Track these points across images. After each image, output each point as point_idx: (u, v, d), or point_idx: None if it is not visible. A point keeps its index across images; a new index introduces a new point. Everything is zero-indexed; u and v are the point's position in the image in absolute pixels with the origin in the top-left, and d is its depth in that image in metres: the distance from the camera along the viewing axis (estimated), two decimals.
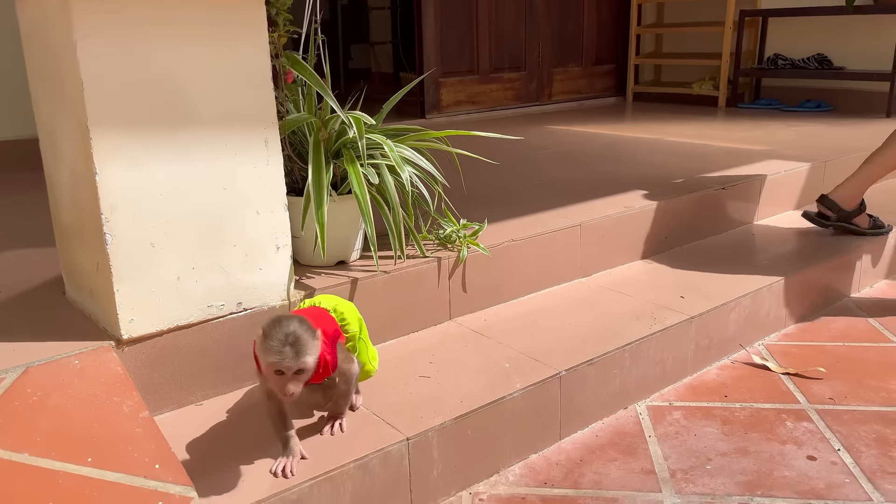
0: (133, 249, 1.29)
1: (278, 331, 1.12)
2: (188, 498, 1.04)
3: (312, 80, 1.49)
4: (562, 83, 5.18)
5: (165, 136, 1.29)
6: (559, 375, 1.54)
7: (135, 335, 1.32)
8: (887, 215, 2.68)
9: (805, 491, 1.39)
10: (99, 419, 1.14)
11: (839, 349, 1.99)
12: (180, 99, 1.29)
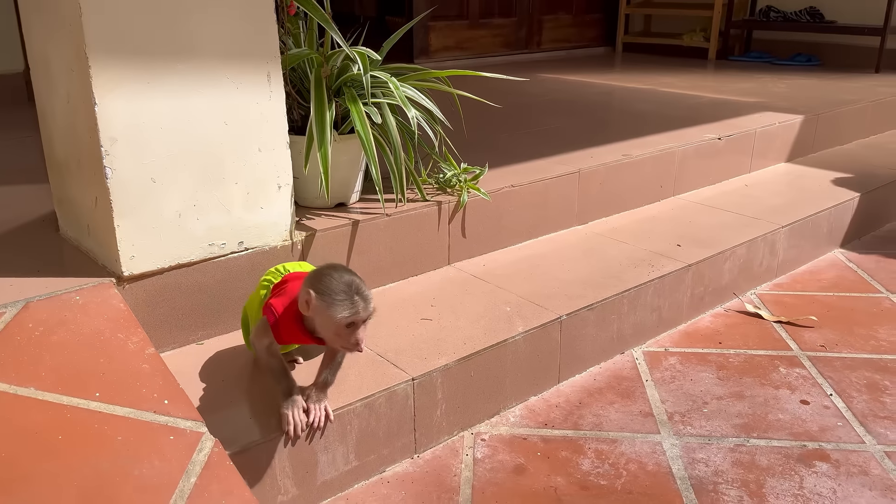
0: (134, 184, 1.25)
1: (337, 285, 1.08)
2: (199, 433, 1.04)
3: (316, 13, 1.44)
4: (551, 31, 5.10)
5: (167, 67, 1.24)
6: (560, 320, 1.55)
7: (136, 272, 1.29)
8: (878, 168, 2.70)
9: (799, 433, 1.43)
10: (104, 355, 1.13)
11: (829, 299, 2.02)
12: (182, 28, 1.24)
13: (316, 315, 1.10)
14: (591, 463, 1.34)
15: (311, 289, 1.09)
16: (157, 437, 1.02)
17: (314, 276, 1.11)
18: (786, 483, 1.28)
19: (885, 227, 2.60)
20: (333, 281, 1.08)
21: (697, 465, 1.33)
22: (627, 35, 5.41)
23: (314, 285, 1.09)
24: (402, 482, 1.29)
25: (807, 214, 2.22)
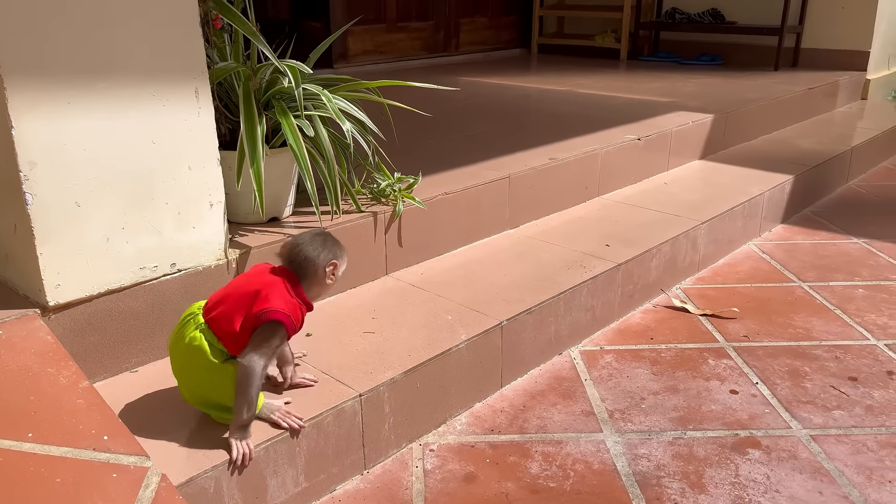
0: (56, 209, 1.19)
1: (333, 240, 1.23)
2: (143, 468, 1.00)
3: (243, 26, 1.40)
4: (469, 34, 5.15)
5: (88, 86, 1.19)
6: (501, 325, 1.57)
7: (62, 301, 1.23)
8: (783, 163, 2.86)
9: (731, 422, 1.50)
10: (35, 392, 1.07)
11: (748, 290, 2.13)
12: (103, 44, 1.19)
13: (329, 278, 1.20)
14: (540, 466, 1.36)
15: (334, 259, 1.19)
16: (98, 475, 0.97)
17: (327, 247, 1.19)
18: (723, 472, 1.34)
19: (793, 218, 2.76)
20: (337, 243, 1.22)
21: (640, 461, 1.38)
22: (542, 37, 5.52)
23: (336, 254, 1.20)
24: (353, 500, 1.28)
25: (723, 210, 2.32)
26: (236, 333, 1.11)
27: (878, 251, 2.41)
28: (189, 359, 1.13)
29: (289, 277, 1.17)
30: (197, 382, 1.14)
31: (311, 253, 1.17)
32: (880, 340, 1.82)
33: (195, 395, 1.15)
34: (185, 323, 1.14)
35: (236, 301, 1.12)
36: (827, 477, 1.33)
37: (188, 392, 1.16)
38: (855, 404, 1.55)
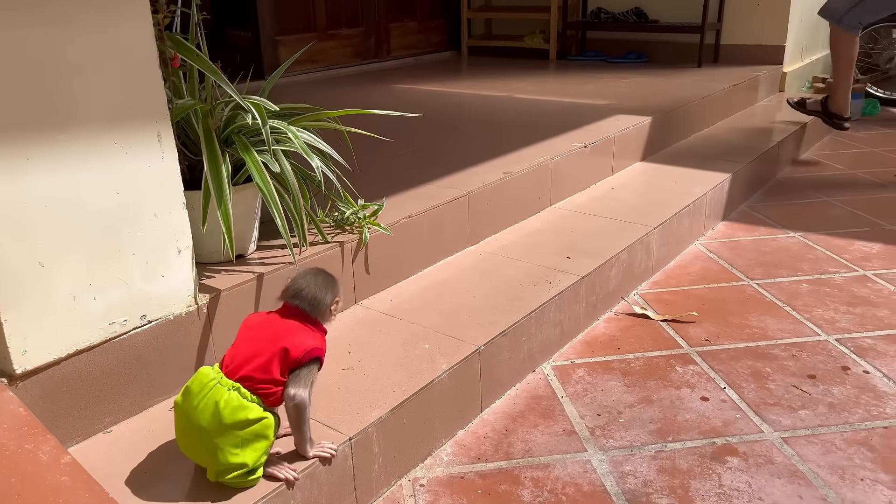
0: (20, 272, 1.12)
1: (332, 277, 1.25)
2: None
3: (204, 65, 1.35)
4: (399, 38, 5.12)
5: (47, 139, 1.12)
6: (479, 350, 1.57)
7: (30, 367, 1.16)
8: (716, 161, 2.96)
9: (707, 431, 1.55)
10: (15, 473, 1.00)
11: (701, 291, 2.20)
12: (61, 93, 1.12)
13: (336, 311, 1.24)
14: (531, 493, 1.37)
15: (338, 297, 1.23)
16: None
17: (330, 285, 1.22)
18: (707, 483, 1.39)
19: (732, 214, 2.86)
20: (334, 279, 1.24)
21: (627, 479, 1.41)
22: (471, 38, 5.54)
23: (337, 290, 1.23)
24: None
25: (672, 213, 2.39)
26: (276, 381, 1.12)
27: (814, 244, 2.53)
28: (220, 422, 1.09)
29: (302, 318, 1.18)
30: (229, 445, 1.10)
31: (318, 294, 1.19)
32: (830, 335, 1.92)
33: (220, 463, 1.11)
34: (209, 390, 1.10)
35: (268, 352, 1.12)
36: (803, 479, 1.39)
37: (212, 460, 1.11)
38: (818, 403, 1.63)
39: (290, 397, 1.14)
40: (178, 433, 1.16)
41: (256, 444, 1.12)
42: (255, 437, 1.11)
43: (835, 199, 3.02)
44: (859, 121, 4.46)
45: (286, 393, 1.14)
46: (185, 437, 1.14)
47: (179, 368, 1.39)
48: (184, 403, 1.12)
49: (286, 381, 1.13)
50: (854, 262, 2.37)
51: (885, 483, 1.37)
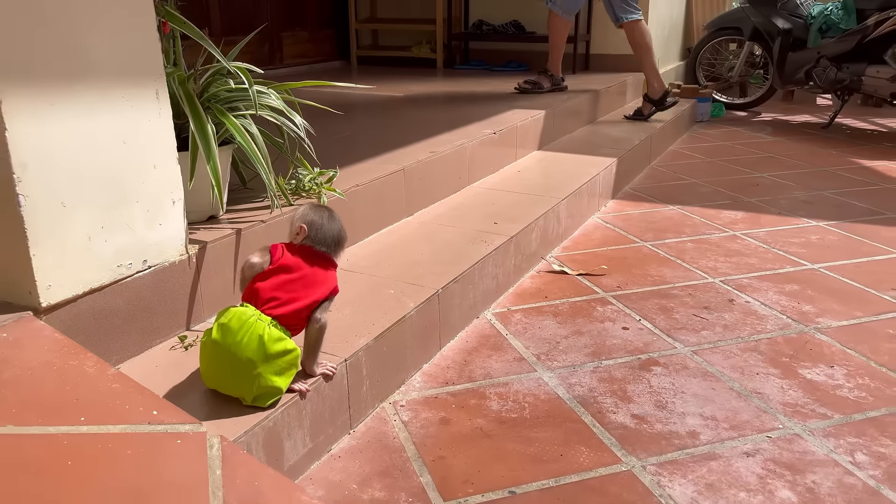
0: (46, 210, 1.20)
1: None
2: (201, 433, 1.08)
3: (191, 31, 1.48)
4: (291, 47, 5.24)
5: (68, 88, 1.22)
6: (437, 293, 1.77)
7: (53, 302, 1.24)
8: (603, 148, 3.33)
9: (632, 350, 1.83)
10: (68, 382, 1.09)
11: (606, 252, 2.52)
12: (79, 48, 1.23)
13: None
14: (498, 403, 1.59)
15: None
16: (164, 443, 1.04)
17: (340, 223, 1.44)
18: (640, 386, 1.66)
19: (619, 194, 3.24)
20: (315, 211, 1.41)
21: (575, 388, 1.65)
22: (359, 49, 5.74)
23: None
24: (351, 455, 1.42)
25: (573, 189, 2.70)
26: (304, 320, 1.32)
27: (690, 214, 2.94)
28: (265, 353, 1.24)
29: (326, 261, 1.38)
30: (270, 372, 1.25)
31: (341, 235, 1.42)
32: (716, 279, 2.28)
33: (261, 388, 1.25)
34: (251, 326, 1.23)
35: (302, 301, 1.30)
36: (713, 377, 1.70)
37: (251, 387, 1.24)
38: (714, 325, 1.96)
39: (317, 320, 1.32)
40: (209, 366, 1.27)
41: (290, 372, 1.28)
42: (289, 365, 1.26)
43: (700, 180, 3.48)
44: (709, 121, 5.07)
45: (313, 317, 1.32)
46: (218, 370, 1.26)
47: (173, 312, 1.49)
48: (223, 338, 1.23)
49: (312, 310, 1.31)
50: (724, 226, 2.79)
51: (776, 375, 1.71)
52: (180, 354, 1.44)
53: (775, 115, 5.33)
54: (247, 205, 1.82)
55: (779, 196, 3.20)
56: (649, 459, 1.40)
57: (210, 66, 1.60)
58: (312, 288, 1.31)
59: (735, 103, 5.48)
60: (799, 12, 4.79)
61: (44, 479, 0.92)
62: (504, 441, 1.46)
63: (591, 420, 1.53)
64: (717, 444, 1.45)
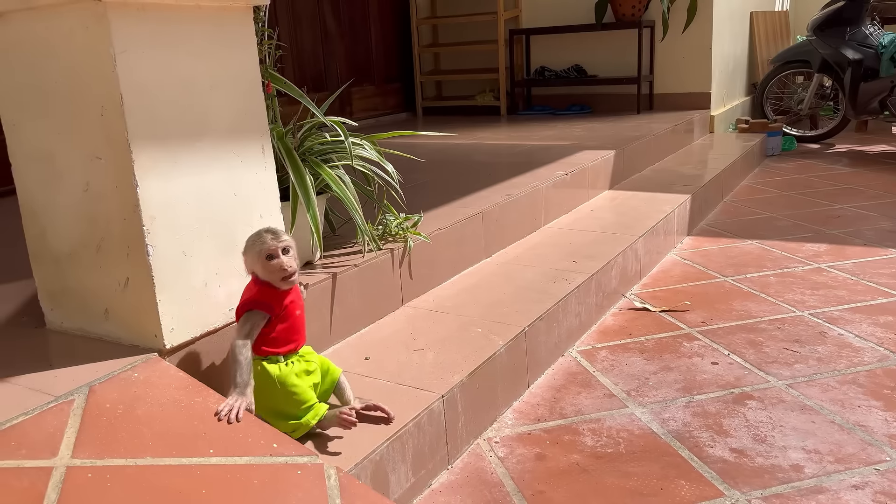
0: (170, 259, 1.31)
1: (250, 237, 1.31)
2: (319, 464, 1.13)
3: (291, 90, 1.59)
4: (360, 101, 5.45)
5: (189, 146, 1.33)
6: (524, 331, 1.81)
7: (175, 344, 1.33)
8: (674, 186, 3.33)
9: (724, 384, 1.81)
10: (195, 418, 1.17)
11: (686, 288, 2.50)
12: (198, 111, 1.34)
13: (255, 268, 1.30)
14: (592, 439, 1.60)
15: (242, 255, 1.31)
16: (286, 475, 1.10)
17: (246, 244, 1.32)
18: (735, 420, 1.64)
19: (694, 231, 3.22)
20: (249, 237, 1.31)
21: (669, 423, 1.65)
22: (424, 100, 5.92)
23: (243, 252, 1.31)
24: (451, 489, 1.45)
25: (649, 227, 2.71)
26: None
27: (770, 248, 2.90)
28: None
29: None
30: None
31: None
32: (804, 311, 2.24)
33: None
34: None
35: None
36: (812, 411, 1.66)
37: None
38: (808, 358, 1.93)
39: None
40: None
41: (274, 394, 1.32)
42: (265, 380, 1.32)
43: (777, 214, 3.43)
44: (780, 155, 5.00)
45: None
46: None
47: None
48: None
49: None
50: (808, 259, 2.74)
51: (878, 407, 1.66)
52: None
53: (850, 146, 5.22)
54: (338, 251, 1.91)
55: (862, 227, 3.13)
56: (753, 493, 1.38)
57: (304, 122, 1.71)
58: None
59: (807, 136, 5.39)
60: (869, 42, 4.73)
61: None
62: (602, 476, 1.46)
63: (688, 454, 1.52)
64: (824, 477, 1.42)
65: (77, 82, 1.24)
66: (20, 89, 1.33)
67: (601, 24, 5.11)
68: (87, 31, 1.19)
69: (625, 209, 2.99)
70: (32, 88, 1.31)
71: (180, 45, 1.30)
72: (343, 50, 5.24)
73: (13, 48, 1.30)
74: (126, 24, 1.19)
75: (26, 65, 1.30)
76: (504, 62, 5.45)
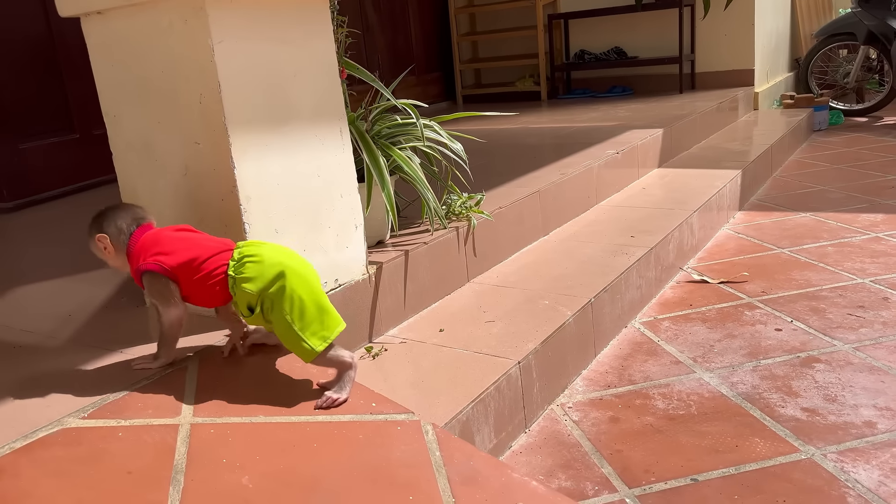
0: (264, 236, 1.39)
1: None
2: (416, 421, 1.21)
3: (366, 76, 1.67)
4: (401, 92, 5.48)
5: (277, 130, 1.41)
6: (591, 302, 1.86)
7: None
8: (721, 163, 3.33)
9: (790, 349, 1.84)
10: (297, 381, 1.25)
11: (743, 261, 2.53)
12: (285, 95, 1.42)
13: (116, 253, 1.23)
14: (663, 402, 1.65)
15: (96, 233, 1.22)
16: (388, 430, 1.17)
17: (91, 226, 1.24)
18: (804, 381, 1.68)
19: (745, 206, 3.23)
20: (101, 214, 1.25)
21: (738, 386, 1.69)
22: (464, 88, 5.97)
23: (101, 226, 1.23)
24: (530, 450, 1.52)
25: (702, 202, 2.73)
26: None
27: (825, 220, 2.90)
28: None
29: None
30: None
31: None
32: (866, 279, 2.25)
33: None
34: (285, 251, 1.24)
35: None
36: (881, 371, 1.69)
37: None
38: (872, 323, 1.95)
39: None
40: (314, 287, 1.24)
41: None
42: None
43: (829, 186, 3.41)
44: (828, 129, 4.94)
45: None
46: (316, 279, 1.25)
47: (358, 326, 1.65)
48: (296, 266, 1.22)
49: None
50: (864, 229, 2.74)
51: None
52: (370, 362, 1.59)
53: None
54: (405, 230, 1.98)
55: None
56: (828, 448, 1.42)
57: (374, 106, 1.78)
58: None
59: (854, 109, 5.32)
60: None
61: (301, 457, 1.07)
62: (676, 435, 1.52)
63: (760, 414, 1.56)
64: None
65: (176, 73, 1.33)
66: (121, 83, 1.42)
67: (641, 5, 5.10)
68: (186, 24, 1.28)
69: (676, 186, 3.02)
70: (132, 81, 1.40)
71: (267, 33, 1.37)
72: (384, 42, 5.32)
73: (115, 44, 1.40)
74: (221, 15, 1.28)
75: (127, 59, 1.39)
76: (543, 47, 5.46)
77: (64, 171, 3.13)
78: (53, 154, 3.10)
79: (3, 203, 2.94)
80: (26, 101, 3.00)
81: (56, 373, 1.29)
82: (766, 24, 5.28)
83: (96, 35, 1.42)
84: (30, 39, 3.00)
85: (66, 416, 1.09)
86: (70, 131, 3.17)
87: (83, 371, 1.29)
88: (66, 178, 3.14)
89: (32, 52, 3.01)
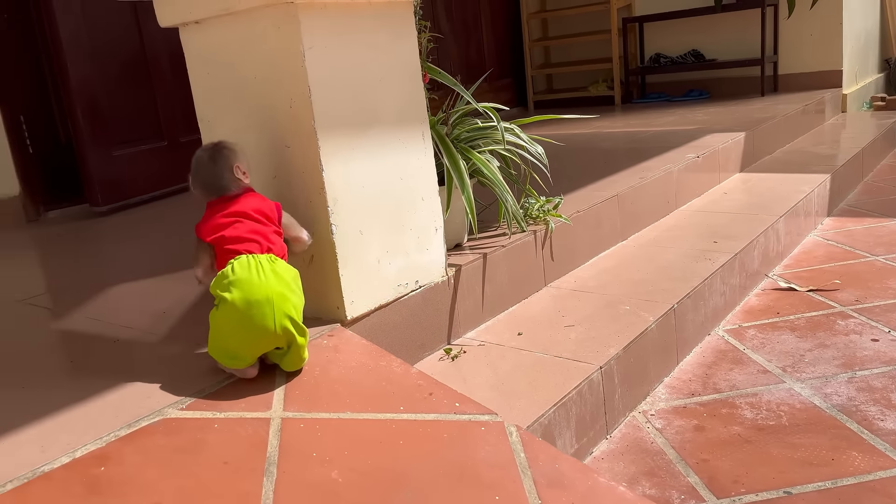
0: (350, 237, 1.42)
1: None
2: (500, 422, 1.20)
3: (448, 80, 1.68)
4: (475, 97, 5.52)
5: (362, 134, 1.44)
6: (673, 308, 1.82)
7: (354, 315, 1.44)
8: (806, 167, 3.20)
9: (888, 360, 1.75)
10: (383, 379, 1.27)
11: (833, 268, 2.42)
12: (371, 99, 1.45)
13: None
14: (752, 412, 1.59)
15: (234, 162, 1.33)
16: (471, 430, 1.17)
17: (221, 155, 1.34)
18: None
19: (834, 211, 3.09)
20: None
21: (832, 397, 1.62)
22: (536, 94, 5.95)
23: (233, 158, 1.34)
24: (613, 457, 1.49)
25: (788, 207, 2.64)
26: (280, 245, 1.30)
27: None
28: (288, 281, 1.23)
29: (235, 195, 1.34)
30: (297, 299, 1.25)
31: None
32: None
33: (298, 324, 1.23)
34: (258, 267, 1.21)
35: (261, 226, 1.29)
36: None
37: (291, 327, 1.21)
38: None
39: (307, 236, 1.37)
40: (242, 329, 1.18)
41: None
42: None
43: None
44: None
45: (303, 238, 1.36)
46: (251, 326, 1.18)
47: (437, 328, 1.66)
48: (243, 288, 1.18)
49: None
50: None
51: None
52: (448, 364, 1.59)
53: None
54: (482, 233, 1.98)
55: None
56: None
57: (454, 110, 1.80)
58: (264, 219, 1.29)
59: None
60: None
61: (387, 453, 1.09)
62: (766, 446, 1.46)
63: (857, 427, 1.49)
64: None
65: (268, 78, 1.38)
66: (216, 89, 1.48)
67: (721, 6, 4.97)
68: (279, 31, 1.32)
69: (759, 190, 2.92)
70: (226, 87, 1.46)
71: (354, 39, 1.41)
72: (456, 49, 5.36)
73: (211, 52, 1.45)
74: (312, 22, 1.31)
75: (222, 66, 1.45)
76: (618, 51, 5.39)
77: (153, 176, 3.27)
78: (143, 161, 3.24)
79: (98, 207, 3.09)
80: (120, 110, 3.15)
81: (154, 365, 1.35)
82: (854, 22, 5.06)
83: (194, 44, 1.48)
84: (124, 51, 3.15)
85: (165, 407, 1.14)
86: (159, 139, 3.31)
87: (179, 365, 1.34)
88: (155, 184, 3.29)
89: (126, 63, 3.17)
